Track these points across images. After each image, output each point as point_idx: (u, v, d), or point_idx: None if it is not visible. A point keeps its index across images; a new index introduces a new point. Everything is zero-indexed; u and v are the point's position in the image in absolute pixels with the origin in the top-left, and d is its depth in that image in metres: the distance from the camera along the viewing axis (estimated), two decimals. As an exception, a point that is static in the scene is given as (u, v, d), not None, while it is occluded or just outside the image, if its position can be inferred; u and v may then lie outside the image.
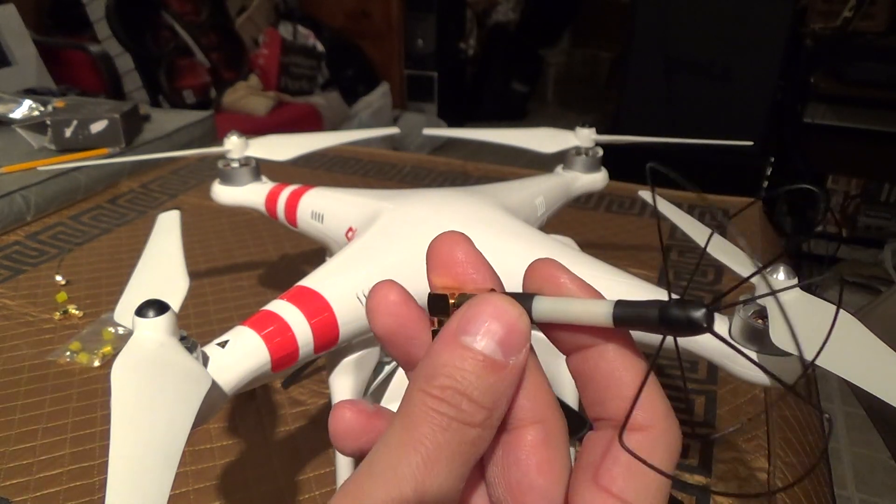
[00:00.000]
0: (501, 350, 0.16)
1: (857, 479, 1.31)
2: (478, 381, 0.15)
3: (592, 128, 0.50)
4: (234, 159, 0.47)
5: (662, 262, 0.16)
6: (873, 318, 0.99)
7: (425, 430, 0.15)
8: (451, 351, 0.16)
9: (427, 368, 0.16)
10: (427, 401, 0.16)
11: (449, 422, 0.15)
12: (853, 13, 1.85)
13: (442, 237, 0.18)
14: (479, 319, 0.16)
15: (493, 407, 0.16)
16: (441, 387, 0.16)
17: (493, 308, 0.16)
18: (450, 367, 0.16)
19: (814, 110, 1.88)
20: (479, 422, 0.16)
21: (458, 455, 0.15)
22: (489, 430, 0.16)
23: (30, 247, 0.77)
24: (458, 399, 0.15)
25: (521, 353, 0.16)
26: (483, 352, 0.16)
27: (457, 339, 0.16)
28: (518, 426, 0.17)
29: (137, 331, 0.24)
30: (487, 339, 0.16)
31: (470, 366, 0.16)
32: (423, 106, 3.25)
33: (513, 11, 3.55)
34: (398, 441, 0.16)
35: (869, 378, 0.21)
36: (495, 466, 0.18)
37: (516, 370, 0.16)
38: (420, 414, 0.16)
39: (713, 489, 0.42)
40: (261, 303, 0.29)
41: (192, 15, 2.42)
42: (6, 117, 1.02)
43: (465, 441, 0.15)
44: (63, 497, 0.43)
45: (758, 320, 0.26)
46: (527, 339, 0.16)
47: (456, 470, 0.15)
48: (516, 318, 0.16)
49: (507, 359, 0.16)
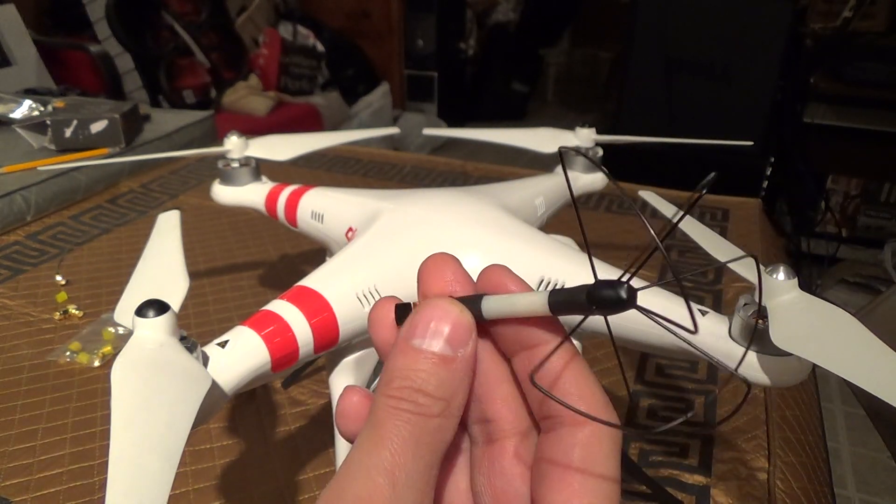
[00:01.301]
0: (449, 345, 0.17)
1: (857, 479, 1.31)
2: (431, 377, 0.17)
3: (592, 128, 0.50)
4: (234, 159, 0.47)
5: (586, 247, 0.17)
6: (873, 318, 0.99)
7: (390, 427, 0.17)
8: (404, 355, 0.18)
9: (385, 375, 0.18)
10: (388, 402, 0.17)
11: (409, 416, 0.17)
12: (853, 13, 1.85)
13: (432, 258, 0.20)
14: (423, 322, 0.18)
15: (450, 397, 0.17)
16: (399, 387, 0.17)
17: (435, 310, 0.18)
18: (404, 370, 0.17)
19: (814, 110, 1.88)
20: (438, 412, 0.17)
21: (423, 445, 0.17)
22: (450, 418, 0.17)
23: (30, 247, 0.77)
24: (414, 395, 0.17)
25: (467, 345, 0.18)
26: (431, 350, 0.17)
27: (408, 344, 0.18)
28: (502, 437, 0.19)
29: (137, 331, 0.24)
30: (434, 338, 0.17)
31: (422, 364, 0.17)
32: (423, 106, 3.25)
33: (513, 11, 3.55)
34: (368, 441, 0.17)
35: (869, 378, 0.21)
36: (481, 476, 0.19)
37: (466, 361, 0.18)
38: (384, 415, 0.17)
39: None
40: (261, 303, 0.29)
41: (192, 15, 2.42)
42: (6, 117, 1.02)
43: (428, 431, 0.17)
44: (63, 497, 0.43)
45: (758, 320, 0.26)
46: (471, 332, 0.18)
47: (423, 459, 0.17)
48: (458, 315, 0.18)
49: (455, 352, 0.17)
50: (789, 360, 0.26)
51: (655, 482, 0.43)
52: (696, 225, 0.34)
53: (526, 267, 0.32)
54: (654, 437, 0.49)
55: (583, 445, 0.17)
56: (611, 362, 0.57)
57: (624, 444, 0.48)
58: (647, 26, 1.86)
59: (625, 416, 0.51)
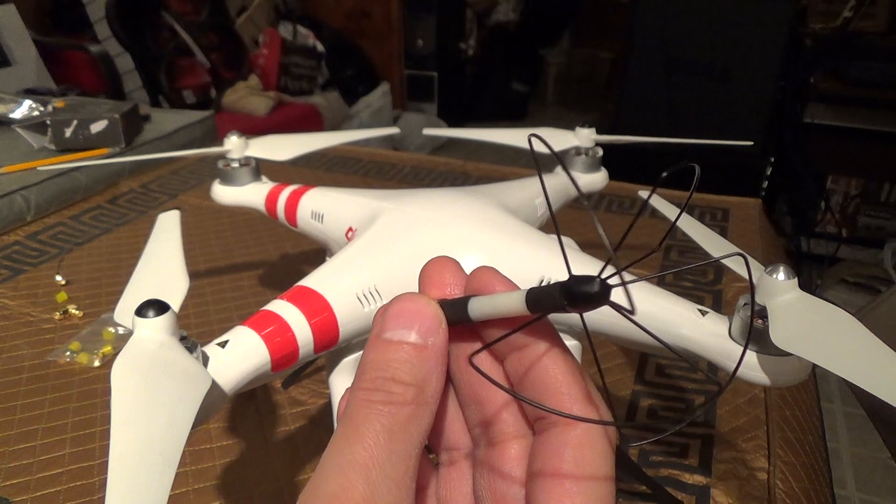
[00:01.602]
0: (419, 335, 0.18)
1: (857, 479, 1.31)
2: (403, 365, 0.17)
3: (592, 128, 0.50)
4: (234, 159, 0.47)
5: (559, 240, 0.17)
6: (873, 318, 0.99)
7: (362, 419, 0.17)
8: (376, 348, 0.18)
9: (359, 370, 0.18)
10: (360, 395, 0.17)
11: (383, 406, 0.17)
12: (853, 13, 1.85)
13: (433, 261, 0.20)
14: (394, 316, 0.18)
15: (422, 383, 0.17)
16: (371, 378, 0.17)
17: (404, 303, 0.18)
18: (376, 361, 0.18)
19: (814, 110, 1.88)
20: (411, 398, 0.17)
21: (398, 434, 0.17)
22: (423, 406, 0.18)
23: (30, 247, 0.77)
24: (387, 385, 0.17)
25: (437, 334, 0.18)
26: (403, 339, 0.18)
27: (379, 338, 0.18)
28: (503, 440, 0.19)
29: (137, 331, 0.24)
30: (404, 329, 0.18)
31: (393, 354, 0.18)
32: (423, 106, 3.25)
33: (513, 11, 3.55)
34: (341, 437, 0.17)
35: (869, 378, 0.21)
36: (482, 479, 0.19)
37: (437, 349, 0.18)
38: (356, 409, 0.17)
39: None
40: (261, 303, 0.29)
41: (192, 15, 2.42)
42: (6, 117, 1.02)
43: (402, 420, 0.17)
44: (63, 497, 0.43)
45: (757, 320, 0.26)
46: (439, 322, 0.18)
47: (398, 450, 0.17)
48: (425, 306, 0.18)
49: (425, 340, 0.18)
50: (789, 360, 0.26)
51: (655, 482, 0.43)
52: (694, 224, 0.34)
53: (526, 267, 0.32)
54: (652, 436, 0.49)
55: (574, 446, 0.17)
56: (611, 362, 0.57)
57: (624, 444, 0.48)
58: (647, 26, 1.86)
59: (624, 416, 0.51)
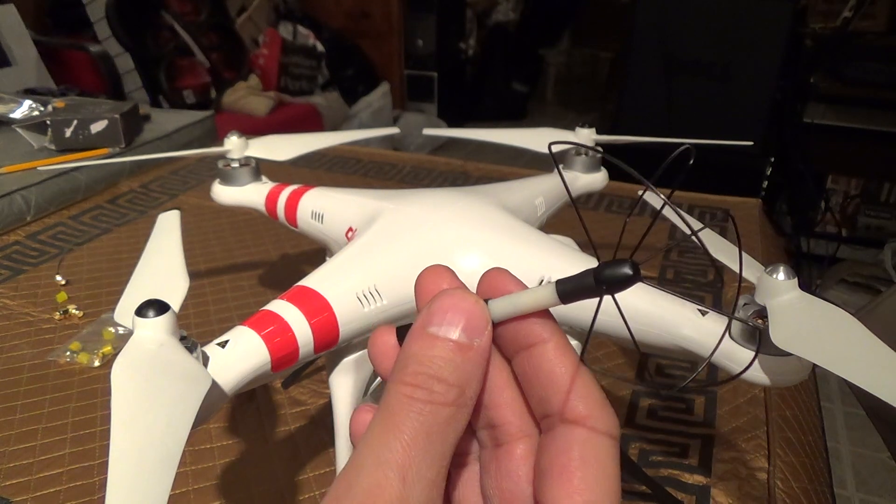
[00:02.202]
0: (465, 334, 0.17)
1: (857, 479, 1.31)
2: (447, 364, 0.17)
3: (592, 128, 0.50)
4: (234, 159, 0.47)
5: (586, 234, 0.17)
6: (873, 318, 0.99)
7: (402, 416, 0.17)
8: (420, 341, 0.18)
9: (400, 361, 0.18)
10: (402, 389, 0.17)
11: (423, 405, 0.17)
12: (853, 13, 1.85)
13: (427, 270, 0.20)
14: (441, 311, 0.18)
15: (464, 385, 0.17)
16: (413, 373, 0.17)
17: (452, 299, 0.18)
18: (420, 356, 0.17)
19: (814, 110, 1.88)
20: (452, 400, 0.17)
21: (436, 435, 0.17)
22: (463, 408, 0.17)
23: (30, 247, 0.77)
24: (430, 382, 0.17)
25: (483, 335, 0.18)
26: (448, 336, 0.17)
27: (424, 331, 0.18)
28: (509, 440, 0.19)
29: (137, 331, 0.24)
30: (451, 326, 0.17)
31: (438, 351, 0.17)
32: (423, 106, 3.25)
33: (513, 11, 3.55)
34: (379, 431, 0.17)
35: (869, 378, 0.21)
36: (490, 479, 0.19)
37: (481, 351, 0.18)
38: (396, 403, 0.17)
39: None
40: (261, 303, 0.29)
41: (192, 15, 2.42)
42: (6, 117, 1.02)
43: (441, 421, 0.17)
44: (63, 497, 0.43)
45: (757, 320, 0.26)
46: (486, 323, 0.18)
47: (434, 450, 0.17)
48: (473, 304, 0.18)
49: (471, 341, 0.17)
50: (789, 360, 0.26)
51: (655, 482, 0.43)
52: (690, 220, 0.34)
53: (526, 267, 0.32)
54: (655, 436, 0.49)
55: (580, 442, 0.17)
56: (611, 362, 0.57)
57: (624, 444, 0.48)
58: (647, 26, 1.86)
59: (624, 416, 0.51)
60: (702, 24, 1.80)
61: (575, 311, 0.30)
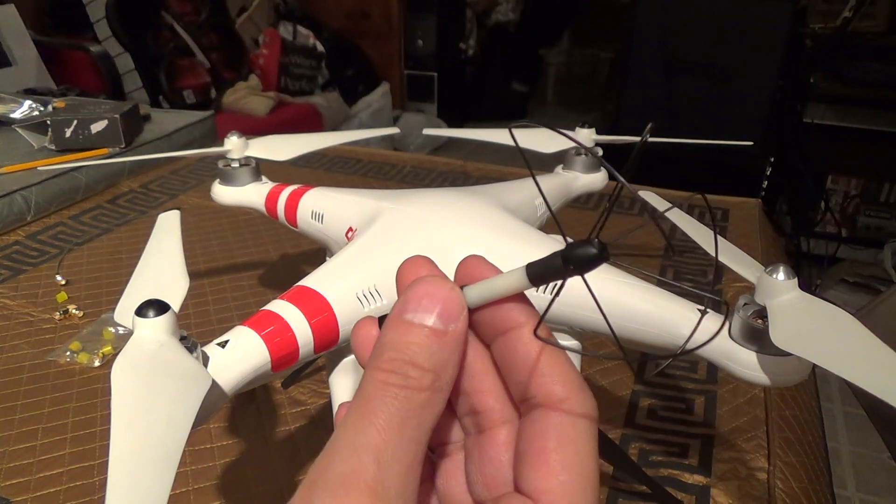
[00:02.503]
0: (440, 320, 0.18)
1: (857, 479, 1.31)
2: (422, 349, 0.17)
3: (592, 128, 0.50)
4: (234, 159, 0.47)
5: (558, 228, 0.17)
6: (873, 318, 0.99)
7: (377, 402, 0.17)
8: (396, 328, 0.18)
9: (376, 349, 0.18)
10: (377, 375, 0.17)
11: (398, 390, 0.17)
12: (853, 13, 1.84)
13: (407, 261, 0.20)
14: (416, 298, 0.18)
15: (440, 370, 0.17)
16: (389, 359, 0.17)
17: (427, 286, 0.18)
18: (395, 342, 0.18)
19: (814, 110, 1.88)
20: (427, 385, 0.17)
21: (411, 419, 0.17)
22: (438, 392, 0.18)
23: (30, 247, 0.77)
24: (405, 368, 0.17)
25: (458, 320, 0.18)
26: (424, 323, 0.17)
27: (400, 318, 0.18)
28: (491, 426, 0.19)
29: (137, 331, 0.24)
30: (426, 312, 0.18)
31: (413, 337, 0.17)
32: (423, 106, 3.25)
33: (513, 11, 3.54)
34: (355, 417, 0.17)
35: (869, 378, 0.21)
36: (473, 465, 0.19)
37: (456, 336, 0.18)
38: (372, 389, 0.17)
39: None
40: (261, 303, 0.29)
41: (192, 15, 2.42)
42: (6, 117, 1.02)
43: (416, 405, 0.17)
44: (63, 497, 0.43)
45: (757, 320, 0.26)
46: (462, 308, 0.18)
47: (410, 434, 0.17)
48: (448, 291, 0.18)
49: (446, 326, 0.18)
50: (789, 360, 0.26)
51: (655, 482, 0.43)
52: (692, 223, 0.34)
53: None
54: (655, 436, 0.49)
55: (557, 424, 0.17)
56: (611, 363, 0.57)
57: (624, 444, 0.48)
58: (647, 26, 1.86)
59: (624, 416, 0.51)
60: (702, 24, 1.80)
61: (570, 308, 0.30)
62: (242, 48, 2.61)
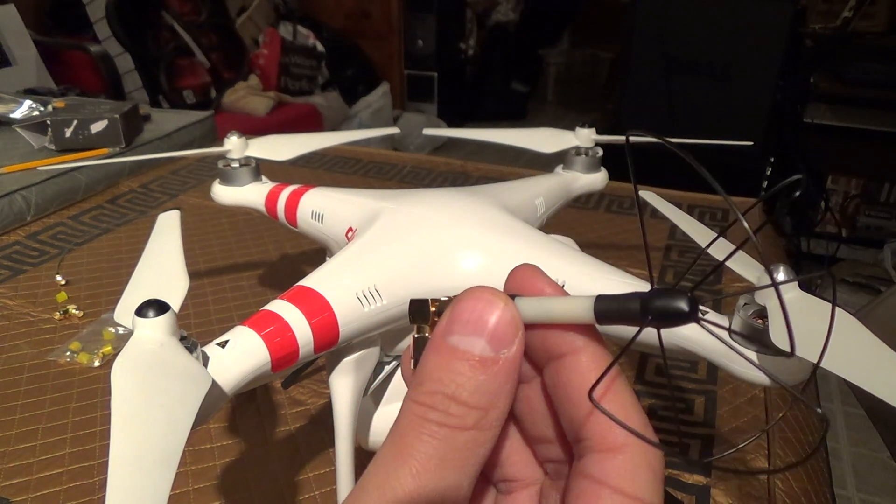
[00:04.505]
0: (490, 345, 0.15)
1: (857, 479, 1.31)
2: (466, 382, 0.15)
3: (592, 128, 0.50)
4: (234, 159, 0.47)
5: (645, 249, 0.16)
6: (873, 318, 0.99)
7: (413, 440, 0.15)
8: (438, 354, 0.15)
9: (417, 377, 0.16)
10: (415, 409, 0.15)
11: (437, 429, 0.15)
12: (853, 13, 1.85)
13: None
14: (463, 316, 0.15)
15: (487, 406, 0.15)
16: (428, 392, 0.15)
17: (477, 302, 0.15)
18: (437, 371, 0.15)
19: (814, 110, 1.88)
20: (472, 424, 0.15)
21: (450, 462, 0.15)
22: (487, 430, 0.15)
23: (30, 247, 0.77)
24: (445, 403, 0.15)
25: (512, 345, 0.15)
26: (469, 350, 0.15)
27: (444, 342, 0.15)
28: (517, 489, 0.17)
29: (137, 331, 0.24)
30: (475, 335, 0.15)
31: (457, 367, 0.15)
32: (423, 106, 3.25)
33: (513, 11, 3.55)
34: (389, 455, 0.15)
35: (869, 378, 0.21)
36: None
37: (509, 364, 0.15)
38: (408, 424, 0.15)
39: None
40: (261, 303, 0.29)
41: (192, 15, 2.42)
42: (6, 117, 1.02)
43: (457, 447, 0.15)
44: (63, 497, 0.43)
45: (757, 320, 0.26)
46: (517, 329, 0.15)
47: (449, 478, 0.15)
48: (502, 309, 0.15)
49: (497, 353, 0.15)
50: (789, 360, 0.26)
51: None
52: (692, 223, 0.34)
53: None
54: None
55: (614, 474, 0.15)
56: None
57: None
58: (647, 26, 1.86)
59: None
60: (702, 24, 1.81)
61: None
62: (242, 48, 2.61)
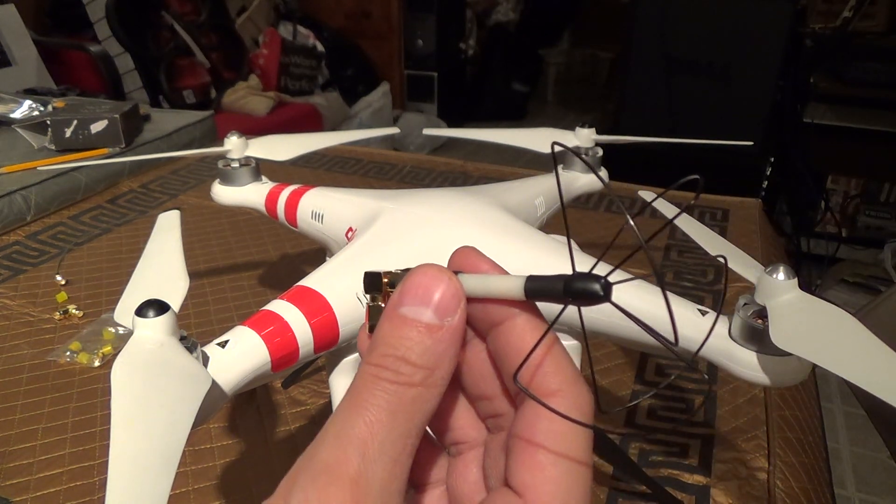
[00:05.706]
0: (436, 314, 0.17)
1: (857, 479, 1.31)
2: (415, 345, 0.17)
3: (592, 128, 0.50)
4: (234, 159, 0.47)
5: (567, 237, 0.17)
6: (873, 318, 0.99)
7: (367, 395, 0.17)
8: (391, 322, 0.18)
9: (371, 344, 0.18)
10: (369, 369, 0.17)
11: (388, 385, 0.17)
12: (853, 13, 1.84)
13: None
14: (413, 290, 0.17)
15: (433, 367, 0.17)
16: (381, 355, 0.17)
17: (424, 277, 0.18)
18: (389, 337, 0.17)
19: (814, 110, 1.88)
20: (419, 381, 0.17)
21: (401, 414, 0.17)
22: (432, 388, 0.17)
23: (30, 247, 0.77)
24: (397, 364, 0.17)
25: (455, 314, 0.17)
26: (417, 318, 0.17)
27: (395, 312, 0.18)
28: (505, 426, 0.19)
29: (137, 331, 0.24)
30: (421, 305, 0.17)
31: (406, 332, 0.17)
32: (423, 106, 3.25)
33: (513, 11, 3.55)
34: (346, 408, 0.17)
35: (869, 378, 0.21)
36: (489, 460, 0.19)
37: (452, 330, 0.17)
38: (363, 382, 0.17)
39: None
40: (261, 303, 0.29)
41: (192, 15, 2.42)
42: (6, 117, 1.02)
43: (406, 401, 0.17)
44: (63, 497, 0.43)
45: (757, 320, 0.26)
46: (459, 301, 0.18)
47: (399, 428, 0.17)
48: (447, 283, 0.17)
49: (441, 321, 0.17)
50: (789, 360, 0.26)
51: (655, 482, 0.43)
52: (692, 223, 0.34)
53: (525, 267, 0.32)
54: (655, 436, 0.49)
55: (548, 417, 0.17)
56: (611, 362, 0.57)
57: (624, 444, 0.48)
58: (647, 26, 1.86)
59: (624, 416, 0.51)
60: (702, 24, 1.81)
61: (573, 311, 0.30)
62: (242, 48, 2.61)
